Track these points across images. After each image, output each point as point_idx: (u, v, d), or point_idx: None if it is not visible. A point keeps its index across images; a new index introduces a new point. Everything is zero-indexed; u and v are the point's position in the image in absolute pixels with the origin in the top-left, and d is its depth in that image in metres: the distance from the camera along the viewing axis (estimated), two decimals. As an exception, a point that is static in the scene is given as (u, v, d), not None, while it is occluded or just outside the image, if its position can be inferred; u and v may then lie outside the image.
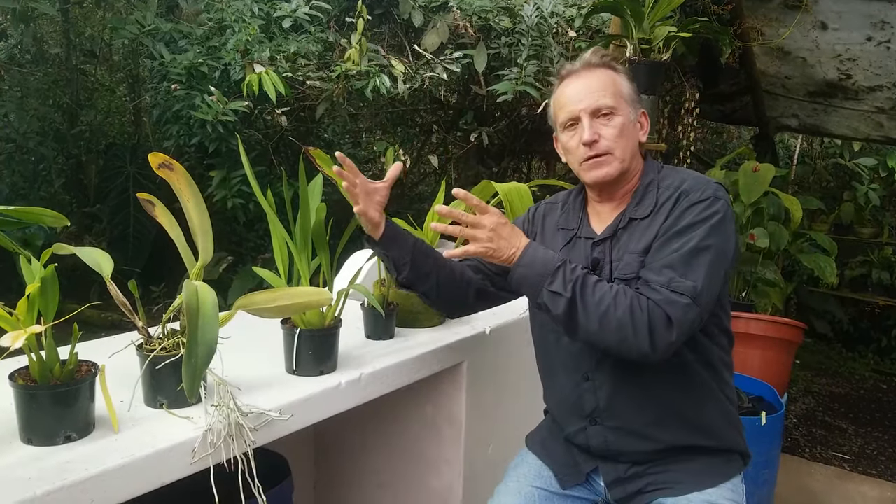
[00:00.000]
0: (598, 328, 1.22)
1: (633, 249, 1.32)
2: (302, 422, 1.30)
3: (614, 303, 1.21)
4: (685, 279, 1.22)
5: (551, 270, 1.25)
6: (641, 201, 1.37)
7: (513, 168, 5.48)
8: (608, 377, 1.37)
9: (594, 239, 1.40)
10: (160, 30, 3.97)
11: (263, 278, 1.49)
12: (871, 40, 3.35)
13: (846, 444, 3.65)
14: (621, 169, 1.36)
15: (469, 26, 3.74)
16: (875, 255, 5.20)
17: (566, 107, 1.38)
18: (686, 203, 1.29)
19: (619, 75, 1.39)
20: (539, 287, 1.25)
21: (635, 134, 1.39)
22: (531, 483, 1.46)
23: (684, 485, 1.34)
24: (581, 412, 1.41)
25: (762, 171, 3.20)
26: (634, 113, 1.39)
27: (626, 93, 1.38)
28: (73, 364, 1.07)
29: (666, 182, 1.37)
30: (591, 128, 1.34)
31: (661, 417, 1.35)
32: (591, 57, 1.39)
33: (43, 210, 0.96)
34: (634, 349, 1.21)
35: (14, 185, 5.18)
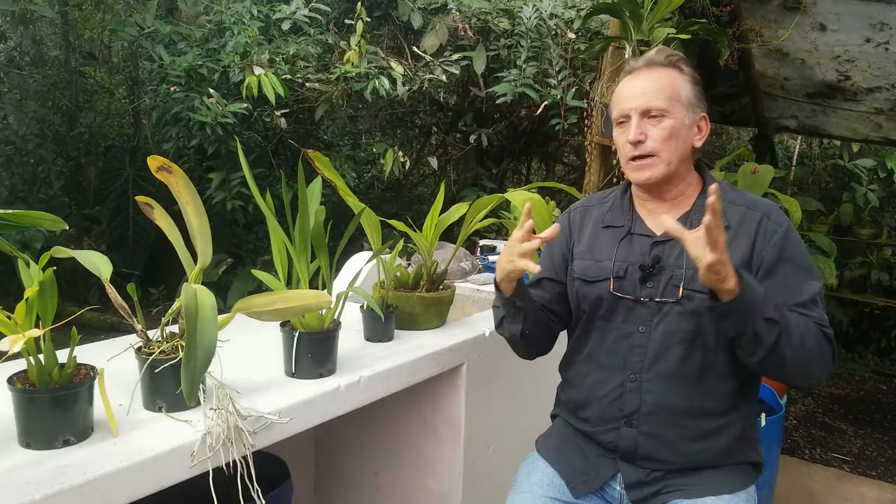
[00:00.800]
0: (794, 357, 1.21)
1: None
2: (301, 425, 1.30)
3: (806, 330, 1.22)
4: (825, 314, 1.28)
5: (764, 294, 1.20)
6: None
7: (512, 170, 5.49)
8: (657, 382, 1.35)
9: (654, 238, 1.37)
10: (159, 32, 3.97)
11: (263, 281, 1.49)
12: (869, 41, 3.35)
13: (846, 446, 3.65)
14: (666, 172, 1.34)
15: (468, 28, 3.74)
16: (874, 256, 5.20)
17: (620, 103, 1.37)
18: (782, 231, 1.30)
19: (681, 76, 1.35)
20: (757, 313, 1.18)
21: (689, 138, 1.36)
22: (545, 493, 1.42)
23: (701, 488, 1.34)
24: (618, 412, 1.38)
25: (761, 172, 3.20)
26: (691, 117, 1.35)
27: (684, 95, 1.34)
28: (71, 367, 1.07)
29: (729, 196, 1.35)
30: (638, 127, 1.33)
31: (696, 433, 1.34)
32: (656, 55, 1.37)
33: (41, 214, 0.96)
34: (812, 377, 1.26)
35: (13, 187, 5.18)
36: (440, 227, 1.81)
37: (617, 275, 1.38)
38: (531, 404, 1.98)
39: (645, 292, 1.35)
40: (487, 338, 1.84)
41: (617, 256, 1.40)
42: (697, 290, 1.29)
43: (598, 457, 1.43)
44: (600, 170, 2.89)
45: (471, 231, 1.82)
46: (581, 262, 1.46)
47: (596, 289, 1.41)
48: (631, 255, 1.39)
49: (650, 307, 1.35)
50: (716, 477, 1.35)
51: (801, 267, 1.30)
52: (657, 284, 1.35)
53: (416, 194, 6.39)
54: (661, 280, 1.34)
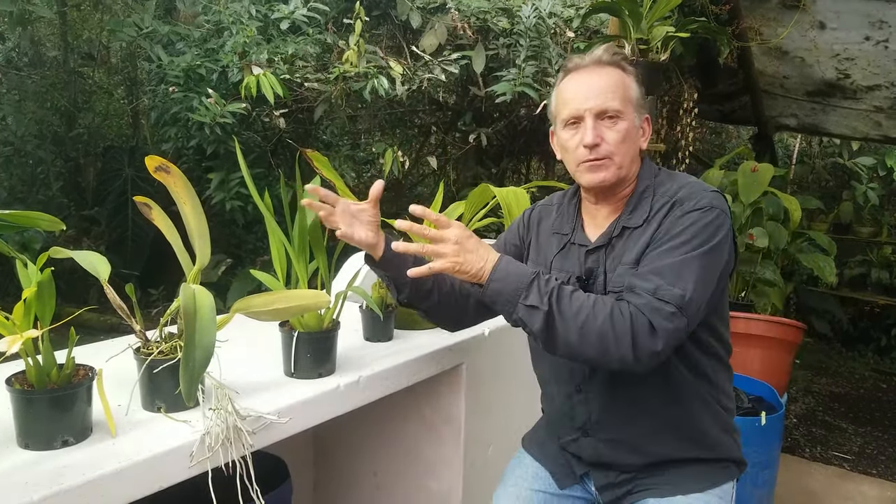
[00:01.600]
0: (578, 339, 1.16)
1: (626, 260, 1.28)
2: (300, 425, 1.30)
3: (593, 312, 1.16)
4: (673, 287, 1.17)
5: (525, 283, 1.19)
6: (636, 209, 1.32)
7: (511, 169, 5.49)
8: (600, 390, 1.34)
9: (588, 247, 1.36)
10: (158, 32, 3.97)
11: (262, 281, 1.49)
12: (869, 39, 3.35)
13: (846, 444, 3.65)
14: (619, 175, 1.31)
15: (467, 27, 3.74)
16: (874, 254, 5.20)
17: (570, 103, 1.31)
18: (680, 212, 1.24)
19: (628, 77, 1.32)
20: (514, 301, 1.19)
21: (637, 139, 1.34)
22: (530, 486, 1.45)
23: (671, 487, 1.33)
24: (573, 423, 1.40)
25: (761, 170, 3.20)
26: (639, 118, 1.33)
27: (633, 97, 1.32)
28: (70, 368, 1.06)
29: (662, 189, 1.32)
30: (595, 130, 1.28)
31: (654, 430, 1.33)
32: (603, 54, 1.32)
33: (38, 214, 0.96)
34: (616, 359, 1.16)
35: (12, 188, 5.18)
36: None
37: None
38: (531, 404, 1.98)
39: None
40: (487, 337, 1.84)
41: (554, 265, 1.40)
42: (611, 290, 1.28)
43: (571, 457, 1.45)
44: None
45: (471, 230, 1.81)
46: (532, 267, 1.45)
47: None
48: (567, 264, 1.38)
49: None
50: (686, 475, 1.34)
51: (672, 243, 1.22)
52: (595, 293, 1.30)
53: (416, 194, 6.39)
54: (596, 289, 1.32)
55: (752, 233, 3.15)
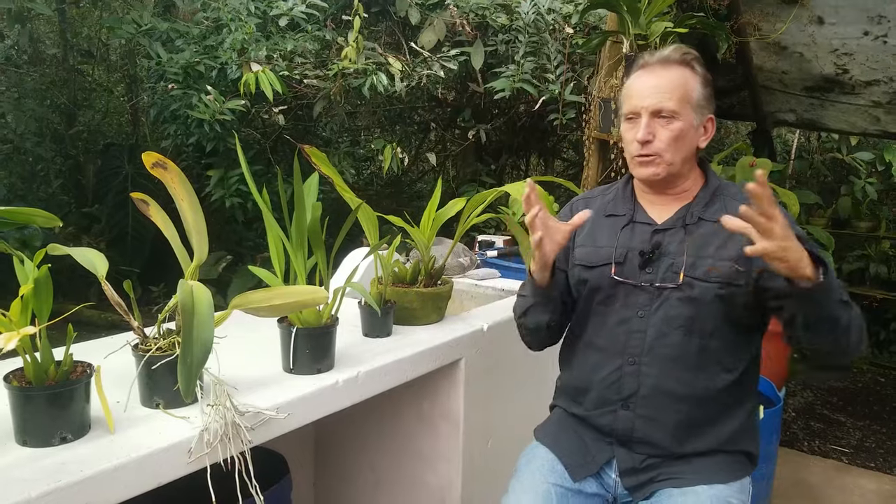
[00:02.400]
0: (857, 335, 1.21)
1: (722, 255, 1.32)
2: (299, 420, 1.30)
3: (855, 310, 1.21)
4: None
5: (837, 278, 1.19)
6: (709, 204, 1.38)
7: (511, 165, 5.48)
8: (656, 366, 1.36)
9: (655, 227, 1.41)
10: (157, 29, 3.96)
11: (261, 277, 1.49)
12: (867, 35, 3.34)
13: (844, 438, 3.66)
14: (668, 172, 1.36)
15: (466, 24, 3.74)
16: (872, 249, 5.20)
17: (630, 99, 1.38)
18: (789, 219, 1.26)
19: (693, 76, 1.36)
20: (835, 297, 1.15)
21: (695, 139, 1.38)
22: (546, 479, 1.43)
23: (695, 477, 1.35)
24: (616, 394, 1.40)
25: (759, 166, 3.20)
26: (699, 118, 1.37)
27: (694, 97, 1.35)
28: (68, 365, 1.07)
29: (730, 191, 1.40)
30: (647, 127, 1.34)
31: (692, 420, 1.35)
32: (671, 53, 1.37)
33: (35, 211, 0.96)
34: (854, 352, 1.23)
35: (12, 185, 5.18)
36: (438, 223, 1.81)
37: (617, 260, 1.41)
38: (530, 398, 1.99)
39: (644, 277, 1.38)
40: (485, 333, 1.84)
41: (618, 243, 1.43)
42: (699, 277, 1.33)
43: (593, 441, 1.45)
44: (598, 164, 2.89)
45: (468, 226, 1.82)
46: (582, 249, 1.49)
47: (596, 273, 1.43)
48: (632, 241, 1.42)
49: (650, 292, 1.37)
50: (709, 466, 1.36)
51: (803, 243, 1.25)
52: (656, 270, 1.37)
53: (416, 190, 6.39)
54: (661, 266, 1.37)
55: (751, 228, 3.15)
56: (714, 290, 1.31)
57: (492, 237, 2.97)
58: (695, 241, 1.36)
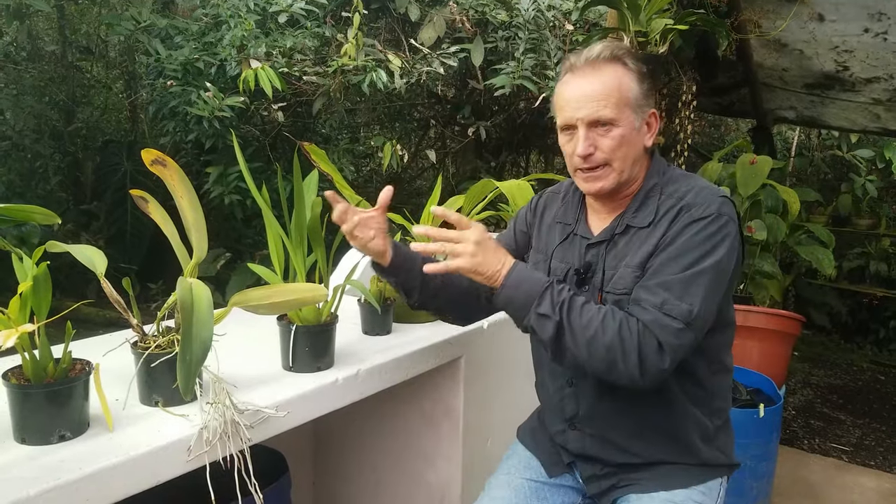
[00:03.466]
0: (587, 353, 1.17)
1: (629, 263, 1.26)
2: (299, 418, 1.30)
3: (602, 326, 1.16)
4: (681, 301, 1.16)
5: (539, 291, 1.19)
6: (641, 208, 1.30)
7: (511, 162, 5.48)
8: (591, 386, 1.34)
9: (590, 240, 1.35)
10: (156, 26, 3.95)
11: (260, 275, 1.49)
12: (868, 32, 3.33)
13: (844, 436, 3.66)
14: (618, 181, 1.28)
15: (466, 20, 3.72)
16: (873, 246, 5.20)
17: (564, 110, 1.28)
18: (687, 219, 1.22)
19: (627, 74, 1.26)
20: (527, 309, 1.20)
21: (639, 140, 1.29)
22: (521, 475, 1.46)
23: (654, 483, 1.33)
24: (562, 415, 1.41)
25: (760, 163, 3.19)
26: (640, 117, 1.28)
27: (631, 97, 1.26)
28: (66, 363, 1.06)
29: (669, 189, 1.29)
30: (587, 140, 1.25)
31: (640, 431, 1.33)
32: (601, 50, 1.27)
33: (33, 208, 0.96)
34: (624, 376, 1.16)
35: (10, 182, 5.17)
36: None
37: (558, 277, 1.35)
38: (529, 397, 1.98)
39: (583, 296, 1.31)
40: (485, 330, 1.84)
41: (556, 256, 1.39)
42: (611, 291, 1.27)
43: (561, 448, 1.46)
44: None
45: (468, 223, 1.81)
46: (533, 255, 1.46)
47: None
48: (568, 256, 1.37)
49: None
50: (671, 472, 1.33)
51: (680, 256, 1.19)
52: (592, 289, 1.32)
53: (415, 187, 6.38)
54: (594, 284, 1.31)
55: (751, 225, 3.15)
56: (625, 301, 1.23)
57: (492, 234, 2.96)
58: (617, 254, 1.29)
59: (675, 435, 1.32)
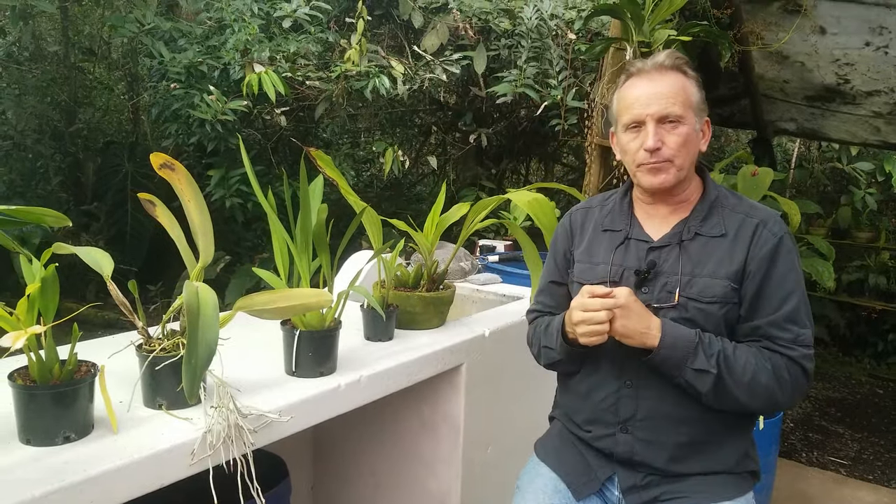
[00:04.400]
0: (748, 396, 1.27)
1: (715, 273, 1.31)
2: (301, 423, 1.30)
3: (757, 369, 1.26)
4: (805, 329, 1.29)
5: (692, 348, 1.26)
6: (708, 217, 1.36)
7: (511, 170, 5.49)
8: (653, 388, 1.34)
9: (651, 244, 1.38)
10: (160, 28, 3.96)
11: (261, 278, 1.49)
12: (869, 45, 3.35)
13: (843, 449, 3.66)
14: (678, 178, 1.34)
15: (469, 28, 3.74)
16: (872, 259, 5.21)
17: (632, 108, 1.34)
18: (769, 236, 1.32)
19: (689, 81, 1.35)
20: (682, 367, 1.27)
21: (697, 142, 1.37)
22: (550, 499, 1.41)
23: (698, 495, 1.33)
24: (613, 417, 1.38)
25: (761, 175, 3.20)
26: (699, 121, 1.36)
27: (694, 101, 1.34)
28: (72, 364, 1.06)
29: (730, 202, 1.38)
30: (656, 135, 1.32)
31: (694, 442, 1.33)
32: (665, 58, 1.35)
33: (44, 210, 0.96)
34: (782, 406, 1.30)
35: (11, 182, 5.17)
36: (441, 227, 1.81)
37: (613, 279, 1.38)
38: (530, 405, 1.98)
39: (640, 297, 1.34)
40: (487, 338, 1.84)
41: (614, 261, 1.41)
42: (693, 297, 1.32)
43: (595, 458, 1.42)
44: (600, 171, 2.89)
45: (471, 231, 1.82)
46: (580, 265, 1.47)
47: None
48: (627, 259, 1.40)
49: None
50: (713, 484, 1.34)
51: (786, 282, 1.30)
52: (652, 290, 1.35)
53: (415, 193, 6.39)
54: (657, 285, 1.35)
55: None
56: (712, 310, 1.30)
57: (493, 242, 2.97)
58: (691, 259, 1.34)
59: (730, 443, 1.35)
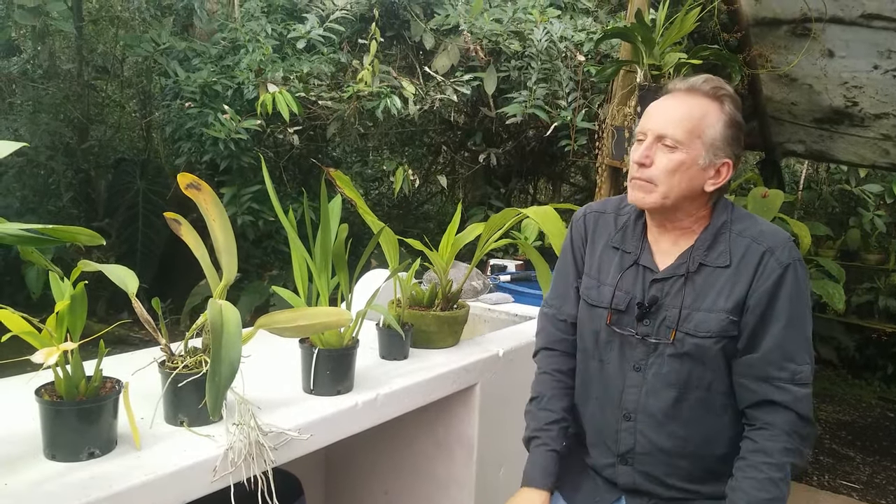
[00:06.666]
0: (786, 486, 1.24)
1: (715, 306, 1.26)
2: (320, 441, 1.31)
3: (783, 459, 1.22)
4: (804, 365, 1.24)
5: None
6: (713, 246, 1.29)
7: (519, 189, 5.51)
8: (651, 422, 1.31)
9: (655, 275, 1.32)
10: (174, 48, 4.02)
11: (271, 294, 1.50)
12: (877, 68, 3.38)
13: (854, 473, 3.63)
14: (661, 204, 1.27)
15: (479, 49, 3.78)
16: (881, 281, 5.19)
17: (643, 119, 1.31)
18: (775, 265, 1.24)
19: (718, 113, 1.26)
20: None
21: (699, 178, 1.26)
22: None
23: None
24: (614, 449, 1.36)
25: (771, 197, 3.21)
26: (709, 158, 1.25)
27: (709, 134, 1.25)
28: (97, 381, 1.08)
29: (737, 227, 1.30)
30: (647, 149, 1.27)
31: (695, 474, 1.32)
32: (702, 83, 1.28)
33: (78, 229, 0.98)
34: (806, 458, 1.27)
35: (24, 198, 5.21)
36: (456, 247, 1.83)
37: (617, 307, 1.34)
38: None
39: (641, 330, 1.31)
40: (501, 358, 1.85)
41: (620, 285, 1.35)
42: (691, 332, 1.27)
43: (603, 483, 1.42)
44: (610, 191, 2.90)
45: (487, 250, 1.83)
46: (588, 280, 1.42)
47: (596, 315, 1.38)
48: (634, 287, 1.34)
49: (646, 345, 1.32)
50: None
51: (788, 315, 1.24)
52: (653, 323, 1.31)
53: (423, 212, 6.41)
54: (658, 319, 1.30)
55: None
56: (707, 344, 1.26)
57: (504, 261, 2.98)
58: (693, 292, 1.28)
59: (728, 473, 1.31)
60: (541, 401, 1.45)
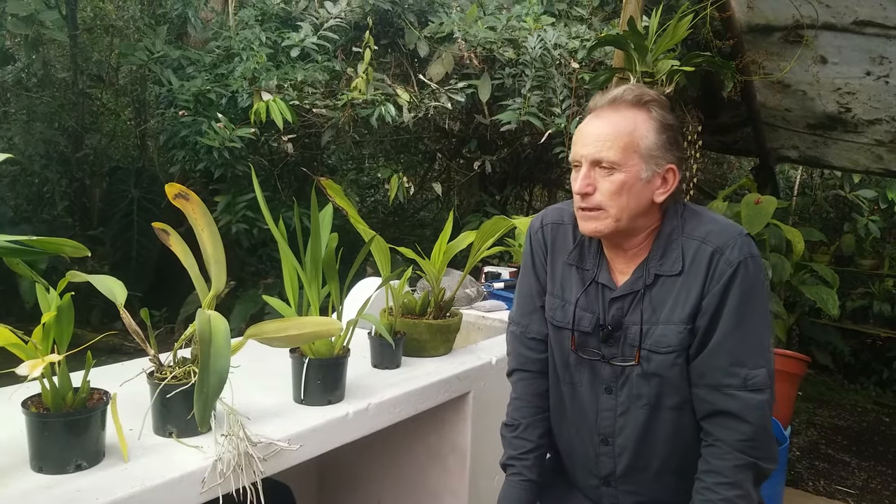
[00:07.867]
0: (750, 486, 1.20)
1: (670, 318, 1.21)
2: (310, 452, 1.30)
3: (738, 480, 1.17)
4: (758, 370, 1.17)
5: None
6: (666, 254, 1.24)
7: (514, 196, 5.52)
8: (629, 445, 1.29)
9: (614, 293, 1.27)
10: (169, 56, 4.03)
11: (265, 303, 1.50)
12: (870, 74, 3.39)
13: (850, 478, 3.62)
14: (615, 228, 1.22)
15: (474, 57, 3.79)
16: (876, 286, 5.21)
17: (575, 145, 1.25)
18: (725, 266, 1.18)
19: (647, 121, 1.21)
20: None
21: (645, 192, 1.22)
22: None
23: None
24: (597, 472, 1.34)
25: (765, 203, 3.22)
26: (650, 169, 1.21)
27: (643, 145, 1.20)
28: (85, 392, 1.07)
29: (688, 228, 1.24)
30: (586, 178, 1.21)
31: (680, 488, 1.29)
32: (624, 93, 1.22)
33: (64, 241, 0.97)
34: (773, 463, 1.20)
35: (18, 207, 5.21)
36: (449, 255, 1.82)
37: (582, 328, 1.30)
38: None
39: (608, 352, 1.28)
40: (494, 366, 1.84)
41: (580, 304, 1.31)
42: (653, 349, 1.23)
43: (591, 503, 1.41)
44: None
45: (479, 258, 1.83)
46: (551, 299, 1.37)
47: (563, 337, 1.34)
48: (593, 305, 1.30)
49: (613, 367, 1.28)
50: None
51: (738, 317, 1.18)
52: (617, 345, 1.27)
53: (418, 219, 6.42)
54: (622, 339, 1.26)
55: (756, 264, 3.16)
56: (670, 360, 1.21)
57: (498, 268, 2.98)
58: (650, 306, 1.24)
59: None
60: (516, 429, 1.43)
